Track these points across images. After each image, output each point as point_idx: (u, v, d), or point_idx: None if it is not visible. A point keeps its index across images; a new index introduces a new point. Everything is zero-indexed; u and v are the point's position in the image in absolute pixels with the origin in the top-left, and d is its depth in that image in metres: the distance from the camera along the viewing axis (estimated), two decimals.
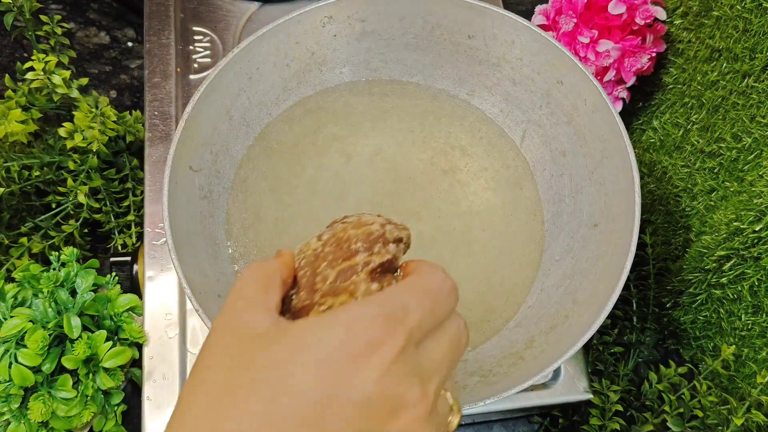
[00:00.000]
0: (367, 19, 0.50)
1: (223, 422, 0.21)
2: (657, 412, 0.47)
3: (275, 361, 0.21)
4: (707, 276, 0.50)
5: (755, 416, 0.43)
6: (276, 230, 0.48)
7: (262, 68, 0.49)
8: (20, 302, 0.45)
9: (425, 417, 0.22)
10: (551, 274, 0.47)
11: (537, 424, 0.54)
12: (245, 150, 0.50)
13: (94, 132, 0.51)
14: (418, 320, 0.23)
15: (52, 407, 0.43)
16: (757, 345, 0.48)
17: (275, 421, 0.20)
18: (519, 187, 0.51)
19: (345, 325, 0.22)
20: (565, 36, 0.56)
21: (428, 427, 0.23)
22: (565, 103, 0.48)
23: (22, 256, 0.52)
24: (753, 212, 0.43)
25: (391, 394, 0.21)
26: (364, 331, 0.22)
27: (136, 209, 0.56)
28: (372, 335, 0.22)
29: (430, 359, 0.24)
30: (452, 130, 0.52)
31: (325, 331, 0.22)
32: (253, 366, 0.21)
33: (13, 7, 0.54)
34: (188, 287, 0.38)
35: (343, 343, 0.21)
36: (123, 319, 0.47)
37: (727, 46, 0.46)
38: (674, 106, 0.54)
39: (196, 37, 0.58)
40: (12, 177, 0.52)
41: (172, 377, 0.46)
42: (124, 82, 0.66)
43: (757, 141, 0.44)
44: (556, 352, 0.38)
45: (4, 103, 0.52)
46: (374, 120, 0.52)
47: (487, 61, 0.51)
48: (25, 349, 0.42)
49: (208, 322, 0.38)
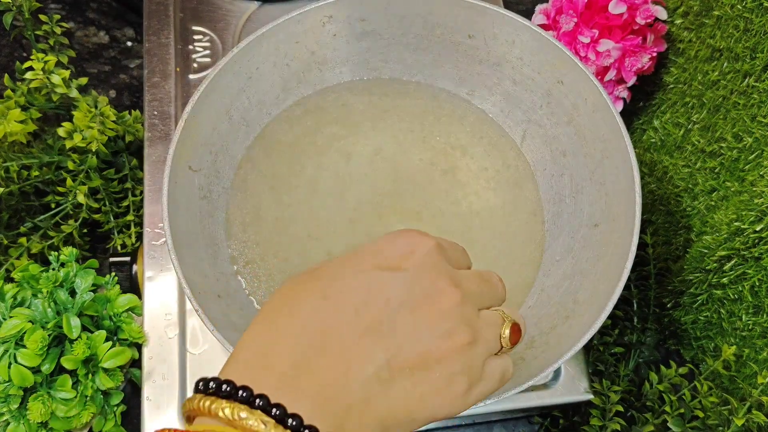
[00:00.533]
0: (367, 19, 0.50)
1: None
2: (658, 413, 0.47)
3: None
4: (708, 276, 0.49)
5: (756, 417, 0.43)
6: (276, 230, 0.48)
7: (262, 68, 0.48)
8: (19, 302, 0.45)
9: (457, 304, 0.26)
10: (551, 274, 0.47)
11: (537, 425, 0.54)
12: (245, 150, 0.50)
13: (94, 132, 0.51)
14: (443, 242, 0.29)
15: (51, 407, 0.43)
16: (758, 345, 0.47)
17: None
18: (519, 187, 0.51)
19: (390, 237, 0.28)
20: (566, 35, 0.56)
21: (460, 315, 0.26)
22: (566, 102, 0.48)
23: (22, 256, 0.52)
24: (754, 212, 0.43)
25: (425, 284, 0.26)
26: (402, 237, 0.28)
27: (135, 209, 0.56)
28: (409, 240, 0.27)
29: (462, 275, 0.28)
30: (452, 130, 0.52)
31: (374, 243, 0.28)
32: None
33: (12, 7, 0.54)
34: (188, 287, 0.38)
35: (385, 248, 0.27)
36: (122, 319, 0.46)
37: (727, 45, 0.46)
38: (675, 106, 0.54)
39: (196, 37, 0.58)
40: (11, 177, 0.52)
41: (172, 377, 0.46)
42: (124, 82, 0.66)
43: (758, 141, 0.44)
44: (556, 353, 0.38)
45: (3, 103, 0.52)
46: (374, 120, 0.52)
47: (487, 61, 0.51)
48: (25, 350, 0.42)
49: (208, 323, 0.37)
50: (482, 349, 0.27)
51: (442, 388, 0.25)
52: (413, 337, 0.25)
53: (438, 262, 0.27)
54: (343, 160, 0.51)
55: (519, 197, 0.50)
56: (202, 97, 0.44)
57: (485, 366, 0.28)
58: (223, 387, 0.23)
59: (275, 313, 0.26)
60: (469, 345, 0.26)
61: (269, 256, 0.47)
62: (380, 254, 0.27)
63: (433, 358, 0.25)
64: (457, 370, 0.26)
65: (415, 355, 0.25)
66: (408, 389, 0.25)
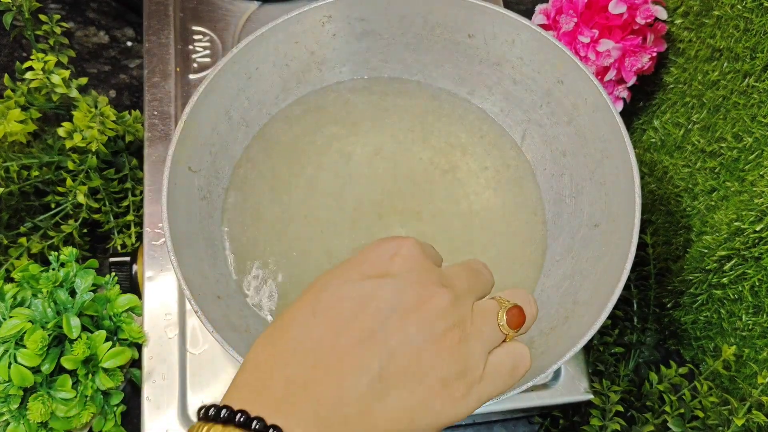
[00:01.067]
0: (366, 19, 0.50)
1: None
2: (658, 413, 0.47)
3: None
4: (708, 276, 0.49)
5: (756, 417, 0.43)
6: (275, 230, 0.48)
7: (262, 68, 0.48)
8: (19, 302, 0.45)
9: (449, 303, 0.26)
10: (551, 274, 0.47)
11: (537, 425, 0.54)
12: (244, 150, 0.50)
13: (94, 132, 0.51)
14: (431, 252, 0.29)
15: (51, 407, 0.43)
16: (758, 345, 0.47)
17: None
18: (519, 187, 0.51)
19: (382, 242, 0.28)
20: (566, 35, 0.56)
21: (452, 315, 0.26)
22: (566, 102, 0.48)
23: (21, 256, 0.52)
24: (754, 212, 0.42)
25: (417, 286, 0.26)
26: (385, 243, 0.28)
27: (135, 209, 0.56)
28: (390, 244, 0.28)
29: (449, 273, 0.28)
30: (452, 130, 0.52)
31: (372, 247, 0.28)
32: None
33: (12, 7, 0.54)
34: (187, 288, 0.38)
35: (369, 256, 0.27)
36: (122, 319, 0.46)
37: (728, 45, 0.46)
38: (675, 106, 0.54)
39: (196, 37, 0.58)
40: (11, 177, 0.52)
41: (172, 377, 0.46)
42: (124, 82, 0.66)
43: (758, 141, 0.44)
44: (556, 353, 0.38)
45: (3, 103, 0.52)
46: (374, 119, 0.52)
47: (487, 61, 0.51)
48: (25, 350, 0.42)
49: (207, 324, 0.37)
50: (476, 344, 0.26)
51: (440, 392, 0.25)
52: (405, 342, 0.24)
53: (423, 262, 0.27)
54: (343, 159, 0.51)
55: (519, 197, 0.50)
56: (202, 97, 0.44)
57: (487, 363, 0.26)
58: (222, 413, 0.23)
59: (272, 335, 0.26)
60: (461, 343, 0.25)
61: (269, 256, 0.47)
62: (365, 263, 0.27)
63: (426, 362, 0.25)
64: (453, 373, 0.25)
65: (407, 361, 0.24)
66: (405, 397, 0.24)
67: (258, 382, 0.24)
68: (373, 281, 0.26)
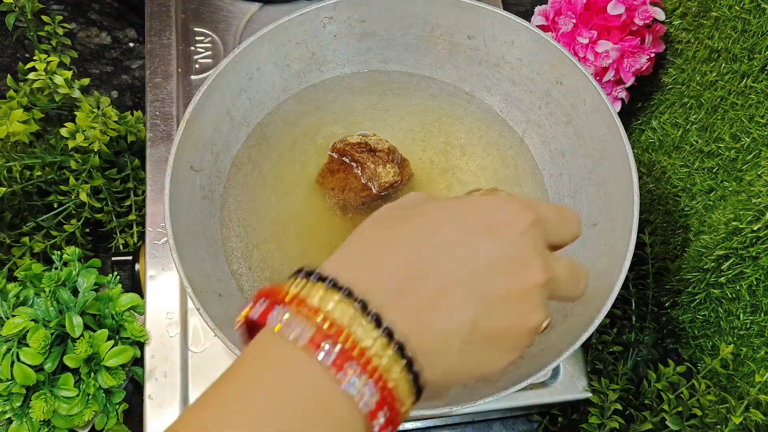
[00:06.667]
0: (367, 20, 0.50)
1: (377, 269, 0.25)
2: (656, 411, 0.47)
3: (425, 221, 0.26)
4: (706, 275, 0.50)
5: (754, 415, 0.43)
6: (276, 230, 0.48)
7: (263, 68, 0.49)
8: (22, 301, 0.45)
9: (542, 284, 0.26)
10: None
11: (536, 423, 0.54)
12: (246, 150, 0.50)
13: (96, 132, 0.51)
14: (546, 214, 0.28)
15: (53, 406, 0.43)
16: (755, 344, 0.48)
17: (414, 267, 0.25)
18: (519, 187, 0.51)
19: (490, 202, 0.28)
20: (565, 36, 0.56)
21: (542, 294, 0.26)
22: (565, 103, 0.48)
23: (24, 255, 0.53)
24: (751, 212, 0.43)
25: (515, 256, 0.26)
26: (507, 205, 0.27)
27: (137, 209, 0.56)
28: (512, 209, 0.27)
29: (557, 263, 0.28)
30: (452, 130, 0.53)
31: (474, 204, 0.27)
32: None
33: (14, 8, 0.54)
34: (189, 287, 0.39)
35: (489, 212, 0.27)
36: (124, 318, 0.47)
37: (725, 46, 0.47)
38: (673, 107, 0.54)
39: (197, 38, 0.58)
40: (14, 177, 0.52)
41: (174, 376, 0.46)
42: (126, 83, 0.67)
43: (756, 141, 0.44)
44: (555, 351, 0.39)
45: (6, 104, 0.52)
46: (374, 119, 0.53)
47: (486, 62, 0.51)
48: (27, 348, 0.42)
49: (209, 322, 0.38)
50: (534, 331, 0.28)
51: (505, 359, 0.26)
52: (504, 306, 0.25)
53: (537, 239, 0.27)
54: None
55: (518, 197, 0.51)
56: (204, 98, 0.44)
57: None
58: (327, 280, 0.24)
59: (384, 229, 0.27)
60: (536, 330, 0.27)
61: (270, 255, 0.47)
62: (485, 216, 0.27)
63: (513, 334, 0.26)
64: (522, 353, 0.27)
65: (500, 328, 0.25)
66: (478, 358, 0.25)
67: (365, 267, 0.25)
68: (490, 238, 0.26)
